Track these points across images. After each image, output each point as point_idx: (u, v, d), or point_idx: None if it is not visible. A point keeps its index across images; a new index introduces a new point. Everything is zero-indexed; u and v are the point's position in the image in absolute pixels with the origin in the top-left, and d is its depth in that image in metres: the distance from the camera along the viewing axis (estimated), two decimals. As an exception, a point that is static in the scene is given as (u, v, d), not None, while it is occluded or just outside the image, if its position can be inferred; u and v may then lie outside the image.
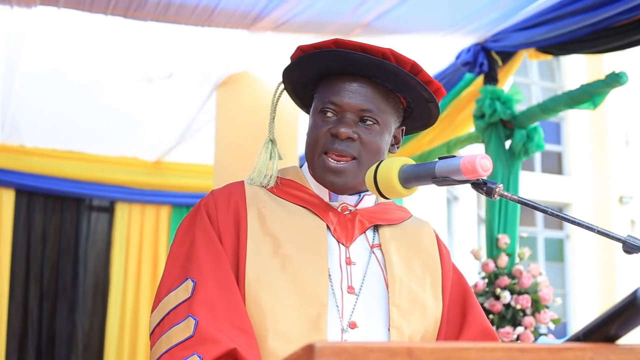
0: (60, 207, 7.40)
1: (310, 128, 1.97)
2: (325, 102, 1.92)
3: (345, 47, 1.89)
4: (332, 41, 1.90)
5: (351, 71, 1.92)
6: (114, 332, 7.30)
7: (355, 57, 1.88)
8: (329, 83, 1.94)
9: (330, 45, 1.90)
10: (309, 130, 1.97)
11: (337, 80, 1.93)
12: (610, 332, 1.13)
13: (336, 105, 1.91)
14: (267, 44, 5.02)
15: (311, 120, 1.98)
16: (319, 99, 1.96)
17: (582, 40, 4.54)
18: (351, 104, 1.90)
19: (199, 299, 1.78)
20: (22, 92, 5.73)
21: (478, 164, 1.62)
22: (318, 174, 1.94)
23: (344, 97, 1.90)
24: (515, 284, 4.71)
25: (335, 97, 1.91)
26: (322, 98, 1.94)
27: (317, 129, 1.93)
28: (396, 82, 1.94)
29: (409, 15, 4.62)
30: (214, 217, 1.91)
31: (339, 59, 1.90)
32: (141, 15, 4.57)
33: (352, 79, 1.92)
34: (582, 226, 1.61)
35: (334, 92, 1.92)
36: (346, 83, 1.92)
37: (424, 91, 1.95)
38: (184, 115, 6.28)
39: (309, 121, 2.00)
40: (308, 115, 2.07)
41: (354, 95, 1.91)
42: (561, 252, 18.82)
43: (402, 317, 1.89)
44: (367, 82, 1.92)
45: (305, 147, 2.00)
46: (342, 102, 1.90)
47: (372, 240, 1.99)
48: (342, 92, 1.91)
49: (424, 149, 5.97)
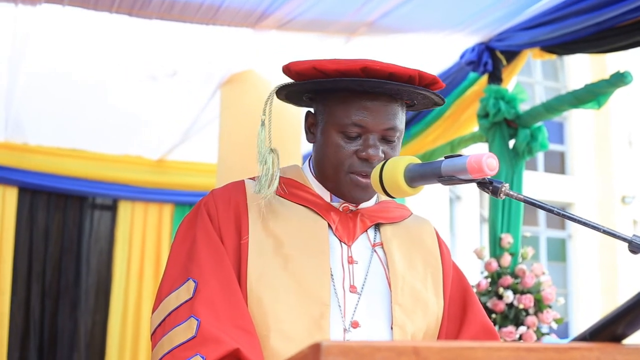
0: (63, 205, 7.40)
1: (329, 146, 1.92)
2: (347, 123, 1.88)
3: (374, 74, 1.84)
4: (360, 67, 1.84)
5: (372, 92, 1.89)
6: (116, 330, 7.30)
7: (387, 86, 1.86)
8: (346, 101, 1.90)
9: (358, 73, 1.85)
10: (327, 148, 1.92)
11: (356, 98, 1.89)
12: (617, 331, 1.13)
13: (361, 127, 1.88)
14: (272, 43, 5.02)
15: (327, 136, 1.92)
16: (337, 117, 1.90)
17: (587, 39, 4.53)
18: (377, 124, 1.88)
19: (200, 299, 1.78)
20: (26, 90, 5.73)
21: (484, 163, 1.62)
22: (343, 190, 1.93)
23: (368, 117, 1.88)
24: (518, 284, 4.70)
25: (358, 118, 1.87)
26: (343, 118, 1.89)
27: (340, 150, 1.90)
28: (417, 97, 1.95)
29: (413, 14, 4.62)
30: (214, 217, 1.91)
31: (365, 84, 1.87)
32: (146, 14, 4.57)
33: (372, 97, 1.89)
34: (589, 226, 1.61)
35: (355, 113, 1.88)
36: (368, 102, 1.88)
37: (438, 99, 1.97)
38: (187, 113, 6.28)
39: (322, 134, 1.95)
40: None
41: (378, 116, 1.88)
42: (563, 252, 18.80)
43: (405, 315, 1.90)
44: (387, 99, 1.90)
45: (321, 161, 1.96)
46: (368, 124, 1.88)
47: (373, 239, 1.99)
48: (364, 112, 1.88)
49: (427, 148, 5.96)
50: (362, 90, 1.89)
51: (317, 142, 1.98)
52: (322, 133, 1.94)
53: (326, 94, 1.95)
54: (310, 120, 2.02)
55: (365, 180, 1.89)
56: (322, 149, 1.95)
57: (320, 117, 1.96)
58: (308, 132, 2.03)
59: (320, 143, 1.95)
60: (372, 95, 1.89)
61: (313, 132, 2.01)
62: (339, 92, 1.91)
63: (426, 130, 5.92)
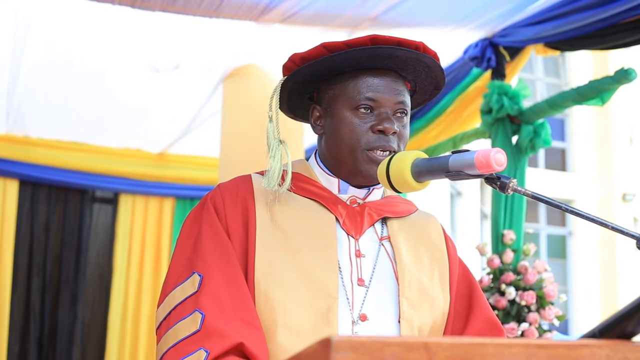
0: (64, 198, 7.39)
1: (343, 126, 1.92)
2: (360, 98, 1.90)
3: (384, 43, 1.89)
4: (369, 38, 1.89)
5: (380, 66, 1.92)
6: (116, 324, 7.29)
7: (397, 52, 1.89)
8: (353, 78, 1.92)
9: (367, 43, 1.88)
10: (341, 129, 1.92)
11: (365, 75, 1.92)
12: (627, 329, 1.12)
13: (373, 102, 1.90)
14: (275, 37, 5.01)
15: (339, 118, 1.93)
16: (348, 95, 1.92)
17: (591, 36, 4.52)
18: (388, 98, 1.91)
19: (205, 293, 1.78)
20: (27, 82, 5.72)
21: (492, 158, 1.61)
22: (360, 168, 1.91)
23: (380, 92, 1.91)
24: (520, 280, 4.70)
25: (371, 93, 1.90)
26: (354, 95, 1.90)
27: (355, 128, 1.90)
28: (421, 74, 1.98)
29: (417, 9, 4.61)
30: (221, 211, 1.90)
31: (374, 55, 1.89)
32: (149, 5, 4.56)
33: (381, 73, 1.93)
34: (597, 222, 1.60)
35: (368, 89, 1.90)
36: (376, 78, 1.92)
37: (442, 80, 2.01)
38: (189, 107, 6.27)
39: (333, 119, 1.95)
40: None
41: (388, 90, 1.91)
42: (563, 249, 18.84)
43: (412, 309, 1.90)
44: (394, 75, 1.94)
45: (334, 145, 1.95)
46: (380, 98, 1.90)
47: (381, 233, 2.00)
48: (376, 87, 1.91)
49: (430, 143, 5.95)
50: (370, 67, 1.92)
51: (328, 129, 1.97)
52: (333, 117, 1.94)
53: (332, 79, 1.96)
54: (316, 114, 2.02)
55: (382, 155, 1.89)
56: (335, 132, 1.94)
57: (328, 104, 1.96)
58: (315, 126, 2.03)
59: (333, 128, 1.95)
60: (379, 71, 1.92)
61: (320, 124, 2.01)
62: (346, 73, 1.93)
63: (429, 125, 5.92)
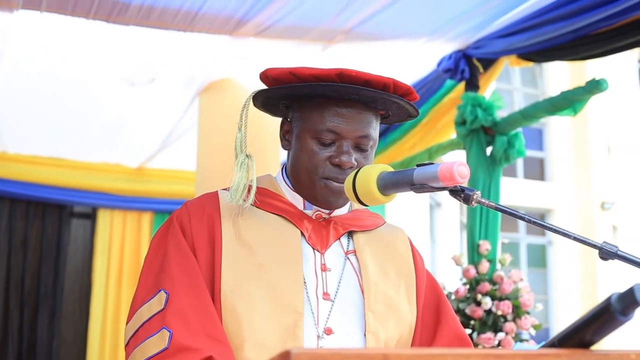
0: (42, 213, 7.35)
1: (303, 151, 1.93)
2: (322, 129, 1.90)
3: (350, 81, 1.86)
4: (336, 73, 1.86)
5: (348, 98, 1.91)
6: (95, 340, 7.25)
7: (362, 92, 1.87)
8: (321, 107, 1.91)
9: (334, 79, 1.87)
10: (301, 154, 1.93)
11: (333, 105, 1.90)
12: (586, 338, 1.14)
13: (335, 134, 1.90)
14: (250, 50, 5.02)
15: (301, 142, 1.94)
16: (312, 123, 1.92)
17: (563, 47, 4.56)
18: (351, 130, 1.90)
19: (172, 310, 1.78)
20: (4, 97, 5.69)
21: (455, 171, 1.63)
22: (317, 195, 1.93)
23: (343, 124, 1.89)
24: (496, 290, 4.72)
25: (332, 124, 1.89)
26: (317, 124, 1.90)
27: (314, 156, 1.91)
28: (391, 107, 1.97)
29: (390, 22, 4.63)
30: (187, 229, 1.92)
31: (340, 90, 1.88)
32: (124, 20, 4.56)
33: (347, 104, 1.90)
34: (559, 233, 1.62)
35: (330, 119, 1.89)
36: (343, 109, 1.90)
37: (413, 110, 1.98)
38: (166, 121, 6.26)
39: (297, 140, 1.95)
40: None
41: (352, 123, 1.90)
42: (543, 258, 18.88)
43: (378, 322, 1.90)
44: (362, 107, 1.92)
45: (295, 166, 1.97)
46: (342, 130, 1.89)
47: (346, 247, 2.00)
48: (339, 119, 1.90)
49: (405, 155, 5.97)
50: (338, 97, 1.90)
51: (292, 148, 1.99)
52: (297, 139, 1.95)
53: (302, 101, 1.96)
54: (285, 128, 2.03)
55: (338, 185, 1.90)
56: (296, 155, 1.95)
57: (296, 124, 1.97)
58: (283, 140, 2.04)
59: (295, 149, 1.96)
60: (347, 102, 1.90)
61: (288, 140, 2.02)
62: (315, 99, 1.92)
63: (403, 137, 5.94)
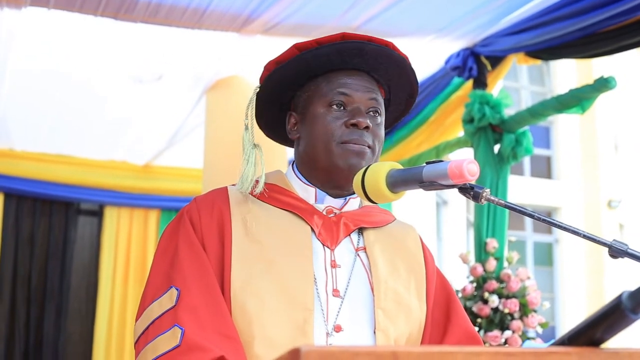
0: (49, 211, 7.37)
1: (318, 122, 1.93)
2: (333, 95, 1.92)
3: (353, 38, 1.92)
4: (339, 34, 1.92)
5: (351, 65, 1.95)
6: (101, 336, 7.27)
7: (368, 47, 1.92)
8: (327, 79, 1.95)
9: (337, 39, 1.92)
10: (317, 124, 1.93)
11: (338, 74, 1.95)
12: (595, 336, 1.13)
13: (346, 97, 1.92)
14: (257, 48, 5.01)
15: (314, 115, 1.95)
16: (322, 93, 1.94)
17: (571, 45, 4.55)
18: (361, 95, 1.93)
19: (183, 307, 1.77)
20: (11, 95, 5.71)
21: (465, 168, 1.62)
22: (339, 163, 1.90)
23: (353, 89, 1.93)
24: (503, 288, 4.71)
25: (343, 89, 1.93)
26: (327, 92, 1.93)
27: (329, 123, 1.91)
28: (393, 75, 2.00)
29: (398, 19, 4.63)
30: (197, 225, 1.90)
31: (344, 51, 1.91)
32: (131, 17, 4.57)
33: (354, 73, 1.96)
34: (569, 230, 1.61)
35: (340, 85, 1.93)
36: (350, 77, 1.95)
37: (415, 84, 2.02)
38: (173, 119, 6.27)
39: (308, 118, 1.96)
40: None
41: (361, 88, 1.94)
42: (550, 256, 18.86)
43: (388, 319, 1.89)
44: (367, 75, 1.97)
45: (309, 145, 1.96)
46: (352, 94, 1.93)
47: (357, 243, 1.99)
48: (349, 84, 1.93)
49: (412, 153, 5.97)
50: (343, 67, 1.95)
51: (303, 132, 1.98)
52: (309, 117, 1.96)
53: (306, 85, 1.98)
54: (292, 121, 2.03)
55: (358, 146, 1.90)
56: (310, 131, 1.95)
57: (304, 107, 1.98)
58: (292, 132, 2.04)
59: (307, 128, 1.96)
60: (352, 71, 1.95)
61: (296, 130, 2.02)
62: (320, 76, 1.96)
63: (411, 135, 5.93)
